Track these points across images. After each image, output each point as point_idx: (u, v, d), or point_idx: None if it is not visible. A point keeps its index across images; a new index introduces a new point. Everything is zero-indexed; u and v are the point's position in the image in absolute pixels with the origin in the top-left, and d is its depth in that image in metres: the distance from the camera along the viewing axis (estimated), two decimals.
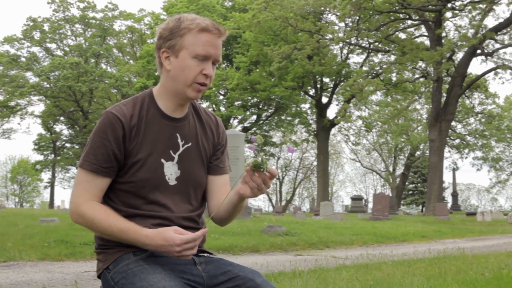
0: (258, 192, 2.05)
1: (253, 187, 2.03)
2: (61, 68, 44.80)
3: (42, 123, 52.23)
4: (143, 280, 2.00)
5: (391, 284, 3.39)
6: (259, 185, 2.03)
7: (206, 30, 2.14)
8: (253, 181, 2.02)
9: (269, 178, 2.04)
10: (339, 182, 79.69)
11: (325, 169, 42.31)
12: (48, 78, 46.25)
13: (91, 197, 2.14)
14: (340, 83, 42.32)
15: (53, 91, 46.83)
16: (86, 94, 47.85)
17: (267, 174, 2.03)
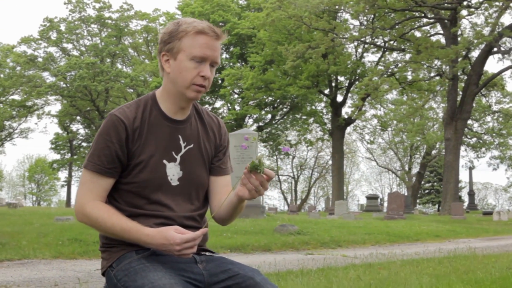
0: (256, 194, 2.10)
1: (250, 189, 2.08)
2: (77, 68, 45.19)
3: (59, 122, 52.71)
4: (144, 277, 2.05)
5: (395, 283, 3.41)
6: (256, 187, 2.07)
7: (203, 32, 2.19)
8: (250, 183, 2.06)
9: (266, 180, 2.08)
10: (354, 181, 79.42)
11: (340, 168, 42.21)
12: (64, 78, 46.67)
13: (95, 197, 2.20)
14: (355, 81, 42.20)
15: (69, 90, 47.24)
16: (102, 93, 48.20)
17: (264, 176, 2.07)
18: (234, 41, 45.26)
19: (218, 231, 10.46)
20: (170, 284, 2.01)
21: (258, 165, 2.04)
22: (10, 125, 53.29)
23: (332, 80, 42.36)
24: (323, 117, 47.66)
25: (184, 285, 2.06)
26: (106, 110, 50.84)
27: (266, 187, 2.09)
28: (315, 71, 37.67)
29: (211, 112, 2.52)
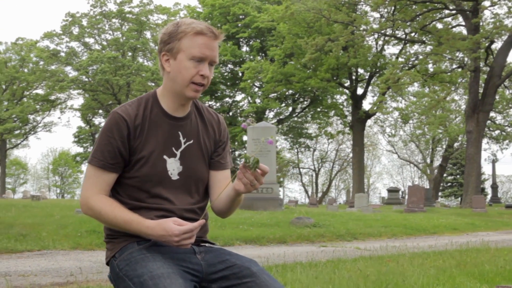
0: (251, 188, 2.18)
1: (246, 183, 2.17)
2: (99, 62, 45.65)
3: (82, 116, 53.34)
4: (143, 267, 2.16)
5: (395, 275, 3.48)
6: (251, 181, 2.16)
7: (201, 33, 2.28)
8: (246, 177, 2.15)
9: (261, 175, 2.17)
10: (376, 174, 79.05)
11: (360, 161, 42.08)
12: (86, 72, 47.17)
13: (99, 191, 2.31)
14: (376, 74, 41.98)
15: (91, 84, 47.77)
16: (123, 87, 48.63)
17: (259, 171, 2.16)
18: (254, 34, 45.28)
19: (235, 223, 10.59)
20: (167, 273, 2.11)
21: (253, 160, 2.13)
22: (34, 119, 54.09)
23: (353, 73, 42.17)
24: (344, 110, 47.50)
25: (181, 274, 2.16)
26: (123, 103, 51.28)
27: (261, 181, 2.18)
28: (335, 64, 37.54)
29: (211, 108, 2.61)
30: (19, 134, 53.41)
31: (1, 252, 6.31)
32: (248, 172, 2.14)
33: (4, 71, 50.29)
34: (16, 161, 73.84)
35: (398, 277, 3.29)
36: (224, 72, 47.79)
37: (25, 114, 50.67)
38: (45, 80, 49.62)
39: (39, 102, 52.02)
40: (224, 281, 2.27)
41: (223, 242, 8.18)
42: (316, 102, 46.29)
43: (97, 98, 49.82)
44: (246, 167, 2.13)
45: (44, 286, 3.20)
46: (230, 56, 44.07)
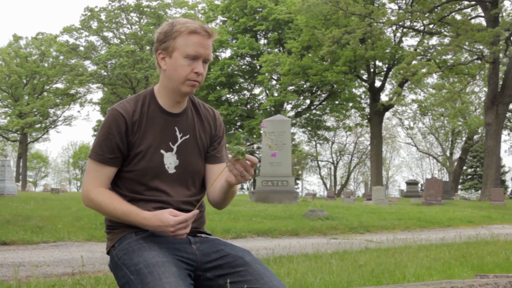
0: (242, 179, 2.27)
1: (236, 175, 2.25)
2: (118, 56, 46.01)
3: (101, 109, 53.82)
4: (140, 256, 2.27)
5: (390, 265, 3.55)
6: (241, 173, 2.24)
7: (195, 32, 2.38)
8: (235, 169, 2.24)
9: (250, 166, 2.25)
10: (395, 167, 78.63)
11: (378, 153, 41.92)
12: (105, 66, 47.59)
13: (99, 184, 2.42)
14: (394, 66, 41.72)
15: (110, 78, 48.17)
16: (141, 81, 48.96)
17: (248, 163, 2.24)
18: (272, 26, 45.24)
19: (248, 216, 10.70)
20: (162, 262, 2.22)
21: (240, 152, 2.21)
22: (54, 112, 54.71)
23: (370, 65, 41.96)
24: (362, 103, 47.31)
25: (175, 263, 2.26)
26: None
27: (250, 172, 2.26)
28: (352, 56, 37.40)
29: (207, 104, 2.71)
30: (40, 128, 54.09)
31: (17, 243, 6.49)
32: (237, 164, 2.23)
33: (25, 65, 50.91)
34: (37, 155, 74.82)
35: (391, 267, 3.36)
36: (242, 65, 47.87)
37: (45, 108, 51.28)
38: (65, 74, 50.17)
39: (59, 96, 52.61)
40: (218, 270, 2.37)
41: (235, 234, 8.29)
42: (334, 95, 46.16)
43: (116, 92, 50.24)
44: (236, 158, 2.22)
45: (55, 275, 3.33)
46: (248, 49, 44.10)
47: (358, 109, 47.74)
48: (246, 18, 45.30)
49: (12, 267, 4.54)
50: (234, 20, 46.83)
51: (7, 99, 52.49)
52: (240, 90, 49.18)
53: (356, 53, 36.67)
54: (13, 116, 50.22)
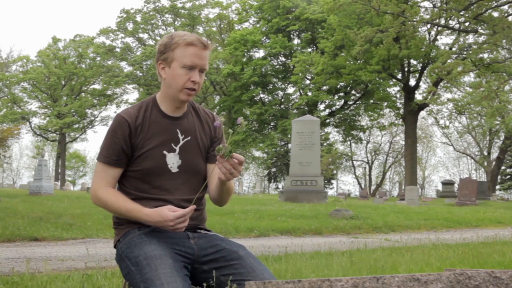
0: (231, 176, 2.45)
1: (225, 172, 2.44)
2: (152, 57, 46.69)
3: None
4: (140, 249, 2.48)
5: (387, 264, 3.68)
6: (229, 170, 2.43)
7: (192, 44, 2.58)
8: (224, 167, 2.43)
9: (238, 164, 2.44)
10: (431, 167, 77.61)
11: (413, 153, 41.49)
12: (141, 67, 48.34)
13: (106, 184, 2.65)
14: (429, 65, 41.24)
15: (145, 79, 48.92)
16: None
17: (235, 161, 2.43)
18: (304, 26, 45.28)
19: (274, 215, 10.88)
20: (159, 254, 2.43)
21: (226, 151, 2.39)
22: (92, 113, 55.83)
23: (405, 64, 41.57)
24: (397, 102, 46.89)
25: (172, 256, 2.46)
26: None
27: (238, 169, 2.44)
28: (386, 55, 37.14)
29: (207, 109, 2.91)
30: (78, 128, 55.26)
31: (48, 239, 6.81)
32: (225, 162, 2.41)
33: (63, 67, 52.11)
34: (76, 154, 76.41)
35: (386, 265, 3.50)
36: (275, 65, 48.01)
37: (83, 109, 52.40)
38: (102, 75, 51.16)
39: (96, 97, 53.68)
40: (213, 263, 2.57)
41: (259, 233, 8.46)
42: (368, 94, 45.90)
43: (151, 92, 50.87)
44: (222, 157, 2.40)
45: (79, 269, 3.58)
46: (279, 48, 44.21)
47: (393, 108, 47.34)
48: (279, 18, 45.43)
49: (39, 261, 4.83)
50: (267, 20, 47.02)
51: (46, 100, 53.81)
52: (274, 90, 49.32)
53: (390, 52, 36.41)
54: (52, 116, 51.46)
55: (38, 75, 50.80)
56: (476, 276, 1.75)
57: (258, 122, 48.02)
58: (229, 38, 47.11)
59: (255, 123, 48.51)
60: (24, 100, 54.54)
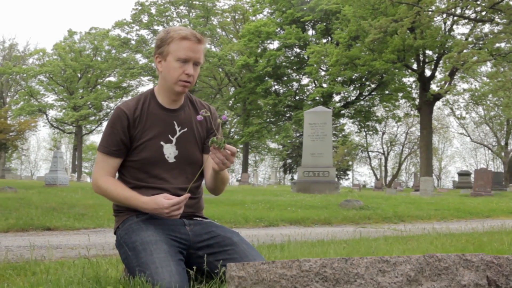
0: (223, 166, 2.57)
1: (218, 163, 2.56)
2: None
3: None
4: (137, 235, 2.61)
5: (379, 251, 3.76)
6: (222, 160, 2.54)
7: (186, 38, 2.70)
8: (217, 157, 2.54)
9: (230, 155, 2.54)
10: (447, 157, 77.13)
11: (428, 144, 41.27)
12: None
13: (106, 173, 2.77)
14: (444, 55, 40.91)
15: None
16: None
17: (228, 152, 2.53)
18: (319, 17, 45.11)
19: (283, 205, 10.98)
20: (155, 240, 2.55)
21: (219, 142, 2.50)
22: (108, 105, 56.25)
23: (420, 55, 41.27)
24: (413, 92, 46.60)
25: (167, 241, 2.58)
26: (195, 89, 52.45)
27: (231, 160, 2.55)
28: (401, 45, 36.91)
29: (205, 102, 3.02)
30: (94, 120, 55.73)
31: (60, 229, 6.98)
32: (218, 153, 2.52)
33: (79, 60, 52.52)
34: (92, 146, 77.08)
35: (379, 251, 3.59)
36: (290, 56, 47.91)
37: (99, 101, 52.82)
38: (117, 67, 51.48)
39: (112, 89, 54.06)
40: (208, 249, 2.69)
41: (268, 223, 8.57)
42: (383, 85, 45.66)
43: None
44: (215, 148, 2.51)
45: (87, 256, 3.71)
46: (294, 40, 44.11)
47: (408, 99, 47.06)
48: (293, 9, 45.32)
49: (50, 249, 4.99)
50: (281, 12, 46.91)
51: (63, 92, 54.32)
52: (288, 81, 49.24)
53: (405, 42, 36.17)
54: (68, 109, 51.96)
55: (55, 68, 51.26)
56: (446, 258, 1.84)
57: (273, 113, 48.03)
58: (243, 29, 47.09)
59: (270, 114, 48.52)
60: (40, 93, 55.12)
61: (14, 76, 53.80)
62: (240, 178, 47.34)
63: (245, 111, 49.77)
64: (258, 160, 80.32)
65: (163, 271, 2.39)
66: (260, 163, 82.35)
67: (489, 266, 2.03)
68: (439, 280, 1.77)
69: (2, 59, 58.99)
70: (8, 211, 8.19)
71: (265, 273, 1.61)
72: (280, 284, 1.55)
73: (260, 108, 48.61)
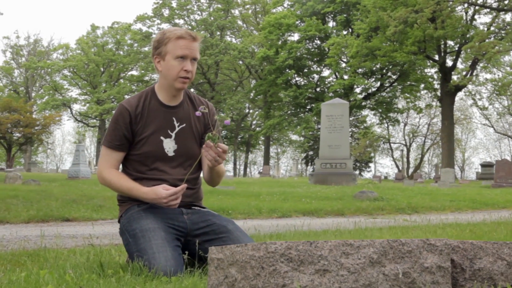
0: (216, 163, 2.76)
1: (210, 160, 2.74)
2: None
3: None
4: (137, 223, 2.80)
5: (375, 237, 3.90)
6: (214, 157, 2.73)
7: (182, 37, 2.88)
8: (209, 154, 2.73)
9: (222, 152, 2.73)
10: (471, 148, 76.34)
11: (450, 135, 40.99)
12: None
13: (110, 166, 2.98)
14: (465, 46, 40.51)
15: None
16: (212, 66, 49.98)
17: (220, 150, 2.72)
18: (339, 8, 44.97)
19: (298, 197, 11.14)
20: (153, 228, 2.75)
21: (214, 138, 2.68)
22: None
23: (441, 45, 40.92)
24: (434, 83, 46.24)
25: (165, 229, 2.78)
26: (217, 82, 52.72)
27: (223, 157, 2.74)
28: (421, 36, 36.65)
29: (203, 98, 3.21)
30: None
31: (78, 220, 7.25)
32: (210, 150, 2.71)
33: (102, 54, 53.15)
34: None
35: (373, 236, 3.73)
36: (310, 48, 47.86)
37: (121, 95, 53.38)
38: (139, 61, 51.94)
39: (134, 83, 54.58)
40: (204, 236, 2.88)
41: (281, 213, 8.74)
42: (404, 76, 45.39)
43: None
44: (208, 145, 2.70)
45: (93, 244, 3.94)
46: (314, 31, 44.04)
47: (429, 90, 46.73)
48: (313, 1, 45.23)
49: (66, 239, 5.24)
50: (301, 3, 46.86)
51: (86, 86, 55.05)
52: (309, 73, 49.21)
53: (425, 32, 35.91)
54: (92, 103, 52.66)
55: (78, 63, 51.96)
56: (410, 242, 2.00)
57: (294, 105, 48.08)
58: (264, 22, 47.15)
59: (291, 106, 48.58)
60: (64, 87, 55.96)
61: (39, 71, 54.69)
62: (262, 171, 47.56)
63: (266, 104, 49.90)
64: (280, 152, 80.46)
65: (160, 256, 2.58)
66: (282, 155, 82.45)
67: (456, 251, 2.18)
68: (403, 262, 1.93)
69: (27, 54, 59.98)
70: (30, 203, 8.49)
71: (238, 255, 1.79)
72: (250, 264, 1.73)
73: (281, 100, 48.70)
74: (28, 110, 37.32)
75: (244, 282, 1.75)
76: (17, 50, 60.47)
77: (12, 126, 35.03)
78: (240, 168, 67.60)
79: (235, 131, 55.33)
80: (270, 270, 1.67)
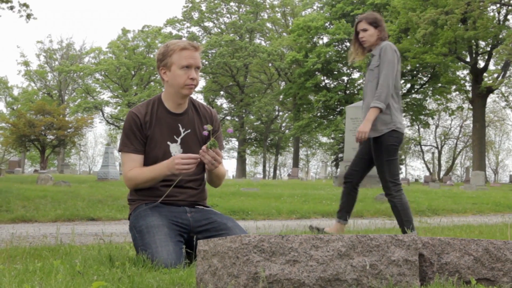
0: (212, 166, 3.01)
1: (207, 163, 2.99)
2: (218, 45, 47.61)
3: (204, 98, 55.97)
4: (144, 220, 3.06)
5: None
6: (210, 161, 2.98)
7: (185, 48, 3.14)
8: (206, 158, 2.98)
9: (218, 156, 2.98)
10: (504, 151, 75.11)
11: (481, 137, 40.48)
12: (206, 55, 49.42)
13: (132, 168, 3.23)
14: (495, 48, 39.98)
15: (211, 67, 49.96)
16: (241, 69, 50.34)
17: (214, 154, 2.97)
18: (370, 10, 44.83)
19: (318, 199, 11.30)
20: (157, 224, 3.00)
21: (210, 144, 2.94)
22: None
23: (473, 46, 40.46)
24: (465, 85, 45.72)
25: (169, 225, 3.03)
26: (246, 85, 53.06)
27: (219, 161, 2.99)
28: (452, 37, 36.32)
29: (207, 105, 3.47)
30: None
31: (103, 219, 7.57)
32: (207, 154, 2.96)
33: (133, 57, 53.96)
34: None
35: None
36: (340, 51, 47.80)
37: None
38: None
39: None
40: (206, 233, 3.12)
41: (300, 215, 8.92)
42: (435, 78, 44.98)
43: (217, 80, 52.03)
44: (203, 150, 2.97)
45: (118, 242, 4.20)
46: (343, 34, 44.01)
47: (461, 92, 46.23)
48: (343, 3, 45.21)
49: (89, 236, 5.54)
50: (331, 6, 46.87)
51: (117, 90, 55.96)
52: (338, 76, 49.15)
53: (456, 33, 35.58)
54: (123, 105, 53.51)
55: (109, 66, 52.88)
56: (378, 238, 2.20)
57: (323, 108, 48.08)
58: (293, 25, 47.30)
59: (321, 108, 48.59)
60: (96, 90, 56.97)
61: (72, 75, 55.82)
62: (291, 173, 47.69)
63: (296, 106, 50.01)
64: (310, 155, 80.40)
65: (162, 250, 2.83)
66: (311, 157, 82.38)
67: (426, 246, 2.37)
68: (370, 255, 2.13)
69: (60, 58, 61.32)
70: (58, 203, 8.86)
71: (219, 247, 2.02)
72: (228, 255, 1.96)
73: (310, 103, 48.74)
74: (61, 112, 38.25)
75: (223, 270, 1.98)
76: (50, 54, 61.87)
77: (46, 128, 35.97)
78: (270, 170, 67.78)
79: (265, 134, 55.55)
80: (244, 260, 1.89)
